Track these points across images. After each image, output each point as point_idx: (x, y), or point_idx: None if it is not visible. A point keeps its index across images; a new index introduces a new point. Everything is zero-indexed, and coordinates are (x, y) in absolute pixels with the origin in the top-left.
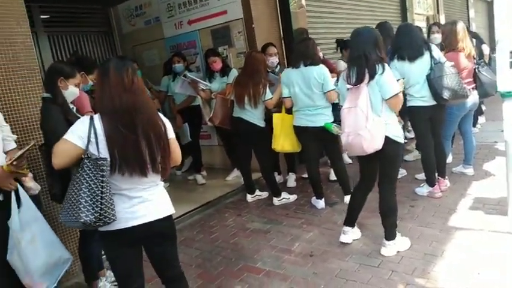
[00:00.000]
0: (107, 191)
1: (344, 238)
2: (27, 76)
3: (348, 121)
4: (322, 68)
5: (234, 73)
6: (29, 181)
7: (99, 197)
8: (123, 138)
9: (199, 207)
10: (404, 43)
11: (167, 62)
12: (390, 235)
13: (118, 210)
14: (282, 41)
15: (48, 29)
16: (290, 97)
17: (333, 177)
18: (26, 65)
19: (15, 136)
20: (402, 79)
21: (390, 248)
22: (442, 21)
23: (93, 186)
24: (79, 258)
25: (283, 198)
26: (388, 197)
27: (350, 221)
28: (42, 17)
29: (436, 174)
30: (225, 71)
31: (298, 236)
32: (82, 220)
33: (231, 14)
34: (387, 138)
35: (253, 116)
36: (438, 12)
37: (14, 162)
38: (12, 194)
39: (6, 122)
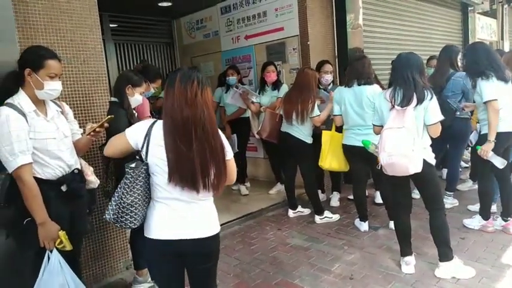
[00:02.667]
0: (131, 195)
1: (408, 269)
2: (95, 79)
3: (392, 141)
4: (376, 88)
5: (284, 88)
6: (90, 175)
7: (120, 199)
8: (179, 152)
9: (241, 217)
10: (497, 63)
11: (222, 74)
12: (442, 256)
13: (160, 220)
14: (336, 60)
15: (115, 37)
16: (341, 115)
17: (378, 200)
18: (95, 69)
19: (81, 130)
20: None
21: (443, 270)
22: (506, 48)
23: (119, 188)
24: (123, 256)
25: (326, 216)
26: (437, 216)
27: (408, 250)
28: (111, 25)
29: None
30: (276, 85)
31: (339, 256)
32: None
33: (288, 30)
34: (424, 162)
35: (301, 132)
36: (502, 38)
37: (97, 129)
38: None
39: (75, 118)
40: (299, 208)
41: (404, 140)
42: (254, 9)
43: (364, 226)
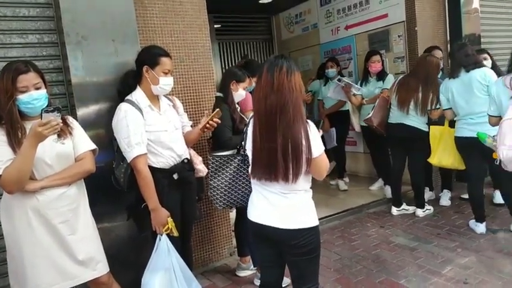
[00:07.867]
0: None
1: None
2: (203, 76)
3: None
4: (487, 70)
5: (390, 79)
6: (199, 164)
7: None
8: (260, 143)
9: (340, 213)
10: None
11: (320, 66)
12: None
13: (253, 203)
14: (448, 46)
15: (218, 36)
16: (451, 108)
17: (498, 200)
18: (204, 66)
19: (191, 122)
20: None
21: None
22: None
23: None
24: (228, 243)
25: (427, 209)
26: None
27: None
28: (215, 26)
29: None
30: (381, 75)
31: (450, 259)
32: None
33: (392, 17)
34: None
35: (418, 120)
36: None
37: (208, 124)
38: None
39: (185, 112)
40: (404, 206)
41: None
42: None
43: (481, 228)
